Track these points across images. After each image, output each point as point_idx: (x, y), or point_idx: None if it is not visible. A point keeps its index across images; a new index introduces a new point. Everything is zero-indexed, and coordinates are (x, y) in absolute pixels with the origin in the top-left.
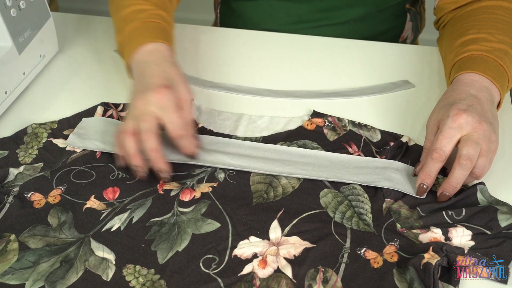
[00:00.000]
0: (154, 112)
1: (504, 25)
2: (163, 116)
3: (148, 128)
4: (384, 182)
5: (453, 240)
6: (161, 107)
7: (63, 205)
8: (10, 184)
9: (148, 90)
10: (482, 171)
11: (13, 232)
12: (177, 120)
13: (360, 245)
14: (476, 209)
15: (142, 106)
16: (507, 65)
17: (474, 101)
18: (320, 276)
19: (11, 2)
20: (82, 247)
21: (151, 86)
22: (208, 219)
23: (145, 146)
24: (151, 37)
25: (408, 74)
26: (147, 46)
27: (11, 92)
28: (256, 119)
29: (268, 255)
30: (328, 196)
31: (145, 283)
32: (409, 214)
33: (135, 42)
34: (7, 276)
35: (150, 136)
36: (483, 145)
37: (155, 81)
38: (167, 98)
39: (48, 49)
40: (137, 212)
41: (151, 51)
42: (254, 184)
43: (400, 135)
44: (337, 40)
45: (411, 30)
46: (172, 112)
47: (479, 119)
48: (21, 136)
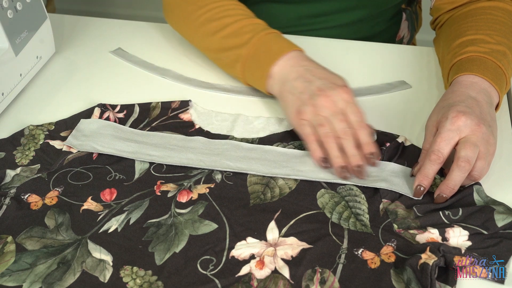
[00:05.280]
0: (342, 109)
1: (501, 26)
2: (347, 110)
3: (346, 127)
4: (381, 183)
5: (450, 240)
6: (348, 103)
7: (60, 206)
8: (7, 186)
9: (331, 89)
10: (481, 174)
11: (10, 233)
12: (360, 113)
13: (357, 246)
14: (472, 209)
15: (330, 105)
16: (505, 66)
17: (473, 103)
18: (318, 277)
19: (7, 4)
20: (79, 248)
21: (331, 85)
22: (205, 220)
23: (346, 144)
24: (292, 46)
25: (405, 75)
26: (292, 53)
27: (8, 94)
28: (252, 120)
29: (265, 256)
30: (325, 196)
31: (142, 285)
32: (405, 214)
33: (277, 50)
34: (4, 278)
35: (348, 134)
36: (482, 148)
37: (332, 81)
38: (351, 95)
39: (45, 50)
40: (134, 214)
41: (301, 57)
42: (251, 185)
43: (396, 135)
44: (334, 41)
45: (407, 29)
46: (356, 105)
47: (477, 122)
48: (18, 138)
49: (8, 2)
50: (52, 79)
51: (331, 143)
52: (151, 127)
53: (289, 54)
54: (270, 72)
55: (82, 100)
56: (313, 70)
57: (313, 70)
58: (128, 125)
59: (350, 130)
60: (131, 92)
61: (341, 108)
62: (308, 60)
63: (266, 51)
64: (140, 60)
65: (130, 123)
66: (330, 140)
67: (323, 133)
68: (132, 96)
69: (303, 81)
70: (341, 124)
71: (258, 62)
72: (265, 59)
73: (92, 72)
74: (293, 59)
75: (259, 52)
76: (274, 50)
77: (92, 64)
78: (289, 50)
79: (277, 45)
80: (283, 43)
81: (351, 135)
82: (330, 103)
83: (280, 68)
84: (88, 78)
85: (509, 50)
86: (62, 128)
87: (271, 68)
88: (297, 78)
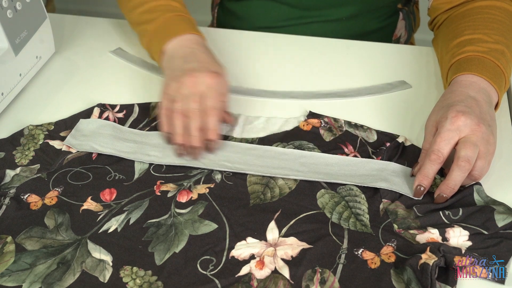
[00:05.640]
0: (202, 92)
1: (499, 25)
2: (209, 97)
3: (196, 108)
4: (381, 183)
5: (450, 241)
6: (210, 89)
7: (60, 206)
8: (7, 186)
9: (200, 72)
10: (481, 173)
11: (10, 234)
12: (217, 100)
13: (358, 246)
14: (473, 209)
15: (192, 85)
16: (504, 65)
17: (472, 103)
18: (318, 277)
19: (7, 3)
20: (79, 248)
21: (203, 69)
22: (205, 220)
23: (191, 124)
24: (191, 29)
25: (405, 75)
26: (188, 35)
27: (8, 94)
28: (252, 120)
29: (265, 256)
30: (325, 197)
31: (142, 285)
32: (406, 214)
33: (175, 30)
34: (3, 278)
35: (196, 115)
36: (481, 147)
37: (207, 66)
38: (217, 82)
39: (44, 50)
40: (134, 214)
41: (195, 41)
42: (251, 185)
43: (396, 135)
44: (334, 41)
45: (404, 29)
46: (216, 92)
47: (477, 121)
48: (17, 138)
49: (8, 2)
50: (52, 79)
51: (177, 119)
52: (150, 127)
53: (185, 36)
54: (163, 48)
55: (81, 100)
56: (198, 54)
57: (198, 54)
58: (128, 125)
59: (199, 112)
60: (130, 92)
61: (201, 90)
62: (199, 45)
63: (166, 29)
64: (140, 60)
65: (130, 123)
66: (178, 116)
67: (174, 109)
68: (131, 96)
69: (184, 61)
70: (193, 104)
71: (158, 38)
72: (163, 36)
73: (92, 72)
74: (186, 41)
75: (160, 30)
76: (172, 30)
77: (92, 64)
78: (185, 32)
79: (177, 26)
80: (183, 25)
81: (199, 117)
82: (192, 84)
83: (172, 46)
84: (88, 78)
85: (507, 49)
86: (62, 128)
87: (165, 45)
88: (181, 58)
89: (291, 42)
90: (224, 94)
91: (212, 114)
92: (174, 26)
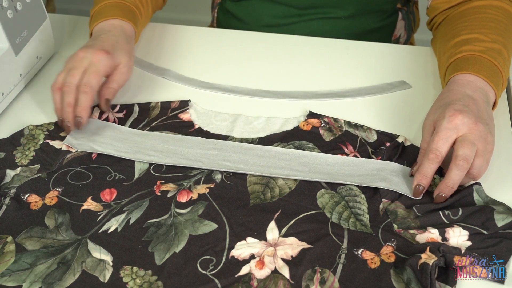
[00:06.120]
0: (84, 67)
1: (496, 24)
2: (87, 73)
3: (72, 83)
4: (381, 183)
5: (450, 240)
6: (91, 65)
7: (60, 206)
8: (7, 186)
9: (90, 48)
10: (479, 172)
11: (10, 234)
12: (94, 82)
13: (357, 246)
14: (472, 209)
15: (77, 60)
16: (501, 64)
17: (470, 101)
18: (318, 277)
19: (7, 4)
20: (79, 248)
21: (95, 46)
22: (205, 220)
23: (64, 99)
24: (121, 15)
25: (405, 75)
26: (114, 20)
27: (8, 94)
28: (252, 120)
29: (265, 256)
30: (325, 196)
31: (142, 285)
32: (405, 214)
33: (104, 15)
34: (4, 278)
35: (71, 90)
36: (479, 146)
37: (101, 44)
38: (100, 59)
39: (44, 50)
40: (134, 214)
41: (115, 25)
42: (251, 185)
43: (396, 135)
44: (334, 41)
45: (403, 29)
46: (95, 71)
47: (475, 120)
48: (18, 138)
49: (8, 2)
50: (52, 79)
51: (55, 94)
52: (150, 127)
53: (110, 20)
54: (91, 30)
55: None
56: (108, 36)
57: (109, 36)
58: (128, 125)
59: (73, 87)
60: (131, 92)
61: (83, 66)
62: (117, 29)
63: (100, 13)
64: (140, 60)
65: (130, 123)
66: (55, 90)
67: (55, 82)
68: (132, 96)
69: (92, 39)
70: (70, 78)
71: (91, 22)
72: (95, 19)
73: None
74: (107, 25)
75: (96, 13)
76: (103, 14)
77: None
78: (112, 17)
79: (109, 12)
80: (115, 11)
81: (73, 92)
82: (78, 58)
83: (96, 29)
84: None
85: (504, 48)
86: (62, 128)
87: (93, 26)
88: (94, 38)
89: (291, 42)
90: (100, 73)
91: (83, 91)
92: (105, 12)
